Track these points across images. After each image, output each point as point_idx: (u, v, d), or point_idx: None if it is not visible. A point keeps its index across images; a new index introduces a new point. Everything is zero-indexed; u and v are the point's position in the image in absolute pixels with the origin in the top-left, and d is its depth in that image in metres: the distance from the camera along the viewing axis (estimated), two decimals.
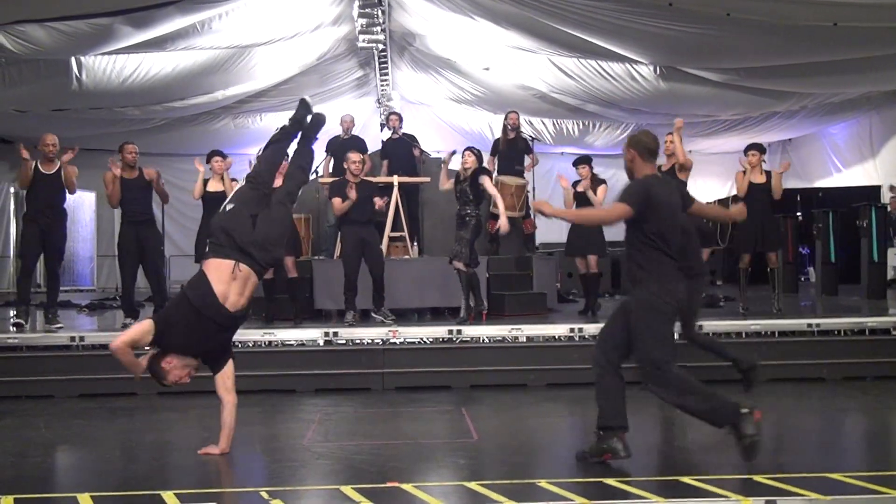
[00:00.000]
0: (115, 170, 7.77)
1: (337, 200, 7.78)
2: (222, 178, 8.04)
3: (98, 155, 16.58)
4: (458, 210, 7.81)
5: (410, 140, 10.28)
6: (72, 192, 7.82)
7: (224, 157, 8.21)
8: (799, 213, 13.74)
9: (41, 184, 7.67)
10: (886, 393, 6.57)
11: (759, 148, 8.25)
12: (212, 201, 7.79)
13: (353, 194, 7.60)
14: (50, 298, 7.96)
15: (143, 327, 4.47)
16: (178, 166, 15.83)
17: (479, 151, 7.92)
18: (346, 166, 7.94)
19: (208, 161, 8.10)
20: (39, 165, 7.69)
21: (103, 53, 10.65)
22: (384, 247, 8.73)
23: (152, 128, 14.75)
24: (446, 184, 8.08)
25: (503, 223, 7.46)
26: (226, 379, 4.68)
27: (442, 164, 8.40)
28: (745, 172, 8.09)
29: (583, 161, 8.68)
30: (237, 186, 5.38)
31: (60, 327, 7.70)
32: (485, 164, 8.31)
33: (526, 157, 10.21)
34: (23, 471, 4.56)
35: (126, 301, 8.04)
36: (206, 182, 8.03)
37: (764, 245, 8.06)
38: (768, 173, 8.11)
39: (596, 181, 8.52)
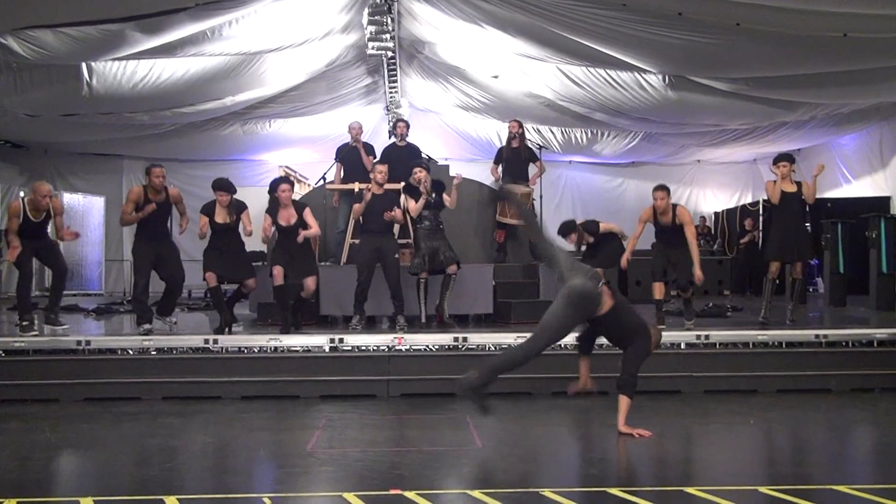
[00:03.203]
0: (149, 207, 7.57)
1: (357, 206, 8.27)
2: (227, 210, 7.80)
3: (107, 160, 16.76)
4: (426, 220, 8.17)
5: (415, 153, 10.15)
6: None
7: (229, 191, 7.85)
8: (808, 224, 13.66)
9: (31, 227, 7.38)
10: (895, 405, 6.53)
11: (788, 158, 8.07)
12: (220, 232, 7.80)
13: (366, 197, 8.11)
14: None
15: None
16: (186, 172, 15.93)
17: (426, 164, 8.59)
18: (372, 177, 8.31)
19: (214, 190, 7.89)
20: (28, 213, 7.33)
21: (114, 59, 10.72)
22: None
23: (162, 133, 14.83)
24: (419, 204, 8.13)
25: None
26: None
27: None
28: (775, 182, 7.99)
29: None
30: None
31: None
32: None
33: (532, 165, 10.21)
34: (27, 474, 4.58)
35: (139, 305, 7.80)
36: (211, 215, 7.79)
37: (799, 255, 8.01)
38: (798, 183, 7.99)
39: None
